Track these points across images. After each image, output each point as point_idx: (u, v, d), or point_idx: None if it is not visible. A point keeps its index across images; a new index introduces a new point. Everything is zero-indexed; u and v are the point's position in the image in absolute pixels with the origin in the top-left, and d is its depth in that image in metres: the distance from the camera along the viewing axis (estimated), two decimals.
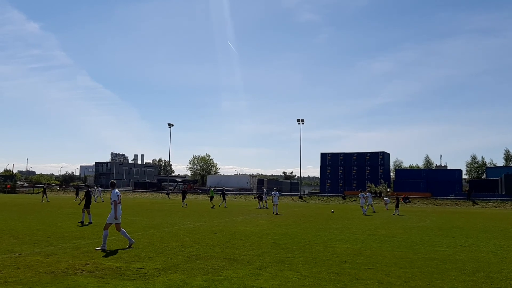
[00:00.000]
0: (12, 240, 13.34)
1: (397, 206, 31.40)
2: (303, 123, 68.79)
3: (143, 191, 74.97)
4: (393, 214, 30.68)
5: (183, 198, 38.63)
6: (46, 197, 42.46)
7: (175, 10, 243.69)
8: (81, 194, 46.05)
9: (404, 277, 8.96)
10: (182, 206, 36.34)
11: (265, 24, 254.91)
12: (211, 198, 39.35)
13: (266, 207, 36.06)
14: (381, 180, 71.08)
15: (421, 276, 9.10)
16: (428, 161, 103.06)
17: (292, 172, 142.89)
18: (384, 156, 76.08)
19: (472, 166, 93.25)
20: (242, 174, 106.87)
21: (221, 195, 39.04)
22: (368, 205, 32.91)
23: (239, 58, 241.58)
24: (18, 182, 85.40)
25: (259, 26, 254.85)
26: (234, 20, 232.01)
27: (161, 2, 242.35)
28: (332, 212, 32.35)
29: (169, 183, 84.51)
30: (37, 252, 11.14)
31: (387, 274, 9.22)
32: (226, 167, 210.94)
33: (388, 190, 67.24)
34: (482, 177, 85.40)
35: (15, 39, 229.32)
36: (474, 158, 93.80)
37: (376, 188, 64.82)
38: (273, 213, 29.41)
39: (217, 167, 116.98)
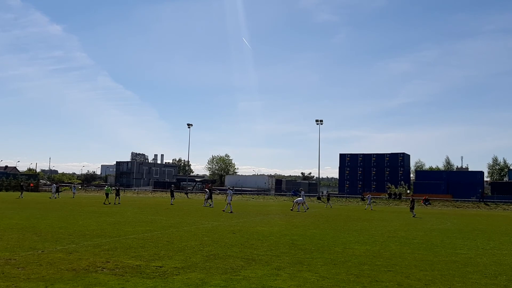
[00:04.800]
0: (35, 238, 13.61)
1: (412, 208, 31.28)
2: (321, 124, 68.46)
3: (162, 191, 75.59)
4: (413, 216, 30.30)
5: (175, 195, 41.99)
6: (59, 194, 48.63)
7: (192, 11, 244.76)
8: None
9: (425, 280, 8.86)
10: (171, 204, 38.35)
11: (281, 24, 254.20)
12: (107, 195, 38.34)
13: (212, 206, 35.25)
14: (402, 181, 70.29)
15: (442, 279, 8.99)
16: (448, 162, 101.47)
17: (310, 173, 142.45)
18: (404, 157, 75.25)
19: (493, 168, 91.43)
20: (260, 175, 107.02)
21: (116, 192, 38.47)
22: (300, 204, 34.13)
23: (256, 58, 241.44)
24: (41, 180, 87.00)
25: (275, 27, 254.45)
26: (250, 21, 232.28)
27: (178, 4, 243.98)
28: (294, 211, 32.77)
29: (188, 183, 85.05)
30: (59, 250, 11.34)
31: (407, 277, 9.13)
32: (244, 167, 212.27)
33: (408, 191, 66.44)
34: (504, 179, 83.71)
35: (38, 41, 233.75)
36: (495, 159, 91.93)
37: (396, 190, 64.09)
38: (223, 210, 29.43)
39: (235, 167, 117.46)
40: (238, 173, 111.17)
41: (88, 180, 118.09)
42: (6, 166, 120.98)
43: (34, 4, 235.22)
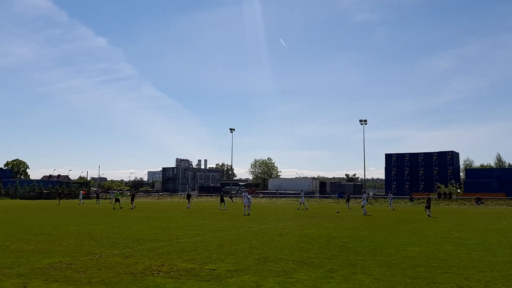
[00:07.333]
0: (91, 243, 14.13)
1: (428, 207, 30.27)
2: (365, 124, 67.39)
3: (207, 195, 76.61)
4: (428, 216, 29.24)
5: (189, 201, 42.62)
6: (98, 200, 52.10)
7: (228, 18, 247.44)
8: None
9: (484, 281, 8.57)
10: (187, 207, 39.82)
11: (319, 25, 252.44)
12: (117, 200, 39.98)
13: (226, 209, 36.11)
14: (452, 180, 68.09)
15: (503, 280, 8.67)
16: (499, 159, 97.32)
17: (355, 174, 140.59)
18: (453, 155, 72.83)
19: None
20: (303, 177, 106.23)
21: (131, 197, 41.62)
22: (300, 203, 34.70)
23: (295, 60, 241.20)
24: (92, 188, 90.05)
25: (313, 28, 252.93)
26: (288, 23, 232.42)
27: (214, 12, 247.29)
28: (337, 212, 33.27)
29: (232, 187, 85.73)
30: (116, 254, 11.73)
31: (466, 278, 8.86)
32: (286, 170, 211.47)
33: (459, 191, 64.29)
34: None
35: (84, 54, 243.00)
36: None
37: (446, 189, 62.14)
38: (244, 214, 29.61)
39: (278, 170, 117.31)
40: (281, 176, 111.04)
41: (136, 186, 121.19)
42: (59, 175, 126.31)
43: (80, 19, 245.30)
